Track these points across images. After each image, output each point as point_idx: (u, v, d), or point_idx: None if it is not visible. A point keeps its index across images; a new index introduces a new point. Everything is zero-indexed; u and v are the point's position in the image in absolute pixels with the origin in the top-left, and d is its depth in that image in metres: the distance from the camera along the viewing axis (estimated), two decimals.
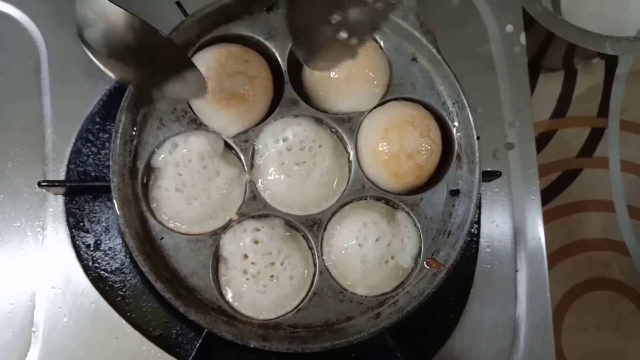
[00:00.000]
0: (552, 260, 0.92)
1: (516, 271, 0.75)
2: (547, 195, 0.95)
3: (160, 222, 0.62)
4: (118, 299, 0.65)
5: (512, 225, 0.76)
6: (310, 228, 0.64)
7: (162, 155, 0.63)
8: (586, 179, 0.97)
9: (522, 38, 0.80)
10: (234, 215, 0.63)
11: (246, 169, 0.65)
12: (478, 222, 0.75)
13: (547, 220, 0.78)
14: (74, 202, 0.67)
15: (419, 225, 0.66)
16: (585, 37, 0.78)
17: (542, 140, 0.97)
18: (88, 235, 0.67)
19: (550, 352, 0.73)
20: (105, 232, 0.67)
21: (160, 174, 0.63)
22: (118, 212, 0.59)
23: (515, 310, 0.74)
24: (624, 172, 0.96)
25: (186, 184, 0.62)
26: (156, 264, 0.60)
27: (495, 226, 0.76)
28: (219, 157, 0.64)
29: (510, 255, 0.75)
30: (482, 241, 0.75)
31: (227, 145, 0.65)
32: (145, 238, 0.61)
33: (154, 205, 0.63)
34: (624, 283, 0.95)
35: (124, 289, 0.66)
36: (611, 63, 0.98)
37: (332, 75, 0.66)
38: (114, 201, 0.59)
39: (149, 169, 0.64)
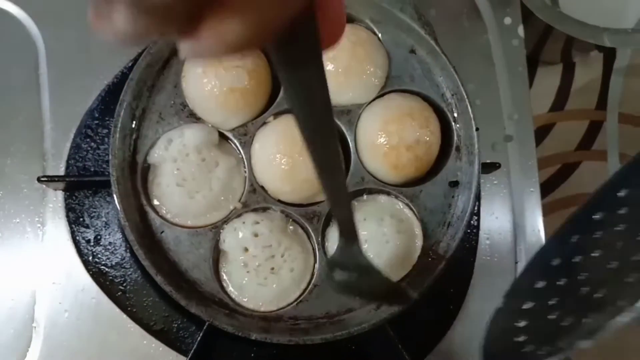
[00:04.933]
0: None
1: (516, 263, 0.75)
2: (546, 188, 0.95)
3: (163, 218, 0.62)
4: (119, 293, 0.65)
5: (511, 217, 0.76)
6: (310, 220, 0.64)
7: (158, 152, 0.63)
8: (585, 172, 0.97)
9: (520, 30, 0.80)
10: (237, 204, 0.63)
11: (245, 162, 0.65)
12: (477, 214, 0.74)
13: (546, 213, 0.78)
14: (74, 198, 0.67)
15: (418, 216, 0.66)
16: (583, 29, 0.78)
17: (541, 133, 0.97)
18: (88, 230, 0.67)
19: None
20: (105, 227, 0.67)
21: (158, 171, 0.63)
22: (118, 206, 0.59)
23: None
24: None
25: (186, 178, 0.62)
26: (157, 258, 0.60)
27: (494, 218, 0.76)
28: (216, 148, 0.64)
29: (510, 247, 0.75)
30: (482, 233, 0.74)
31: (222, 136, 0.65)
32: (146, 232, 0.61)
33: (156, 202, 0.63)
34: None
35: (124, 284, 0.66)
36: (609, 56, 0.98)
37: (330, 68, 0.66)
38: (114, 195, 0.59)
39: (148, 165, 0.64)
